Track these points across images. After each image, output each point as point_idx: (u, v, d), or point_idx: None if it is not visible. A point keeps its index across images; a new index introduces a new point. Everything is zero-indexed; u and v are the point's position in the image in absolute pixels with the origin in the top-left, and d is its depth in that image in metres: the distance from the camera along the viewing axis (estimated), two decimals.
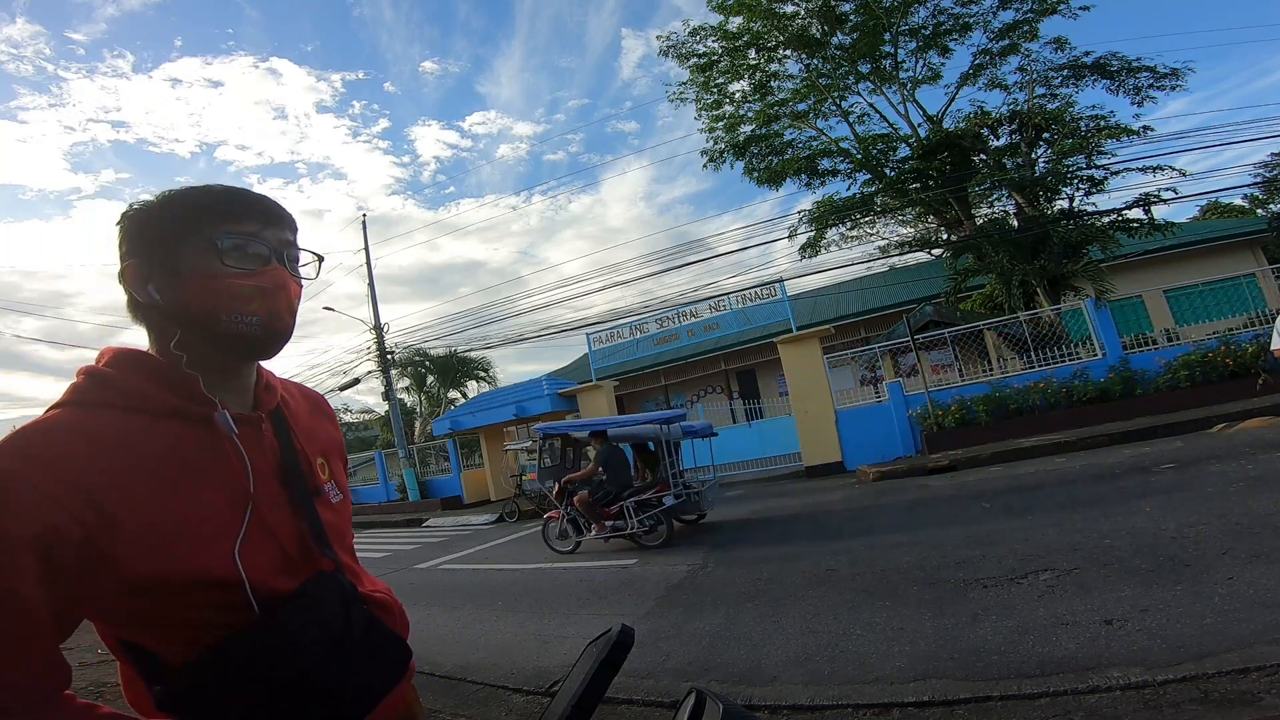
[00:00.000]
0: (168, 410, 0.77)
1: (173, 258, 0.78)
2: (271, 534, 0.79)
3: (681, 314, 14.51)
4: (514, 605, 5.63)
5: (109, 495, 0.68)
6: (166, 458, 0.75)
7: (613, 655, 0.71)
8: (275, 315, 0.82)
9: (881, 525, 6.41)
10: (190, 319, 0.79)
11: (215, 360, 0.82)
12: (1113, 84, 16.08)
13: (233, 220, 0.80)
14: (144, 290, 0.79)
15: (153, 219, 0.80)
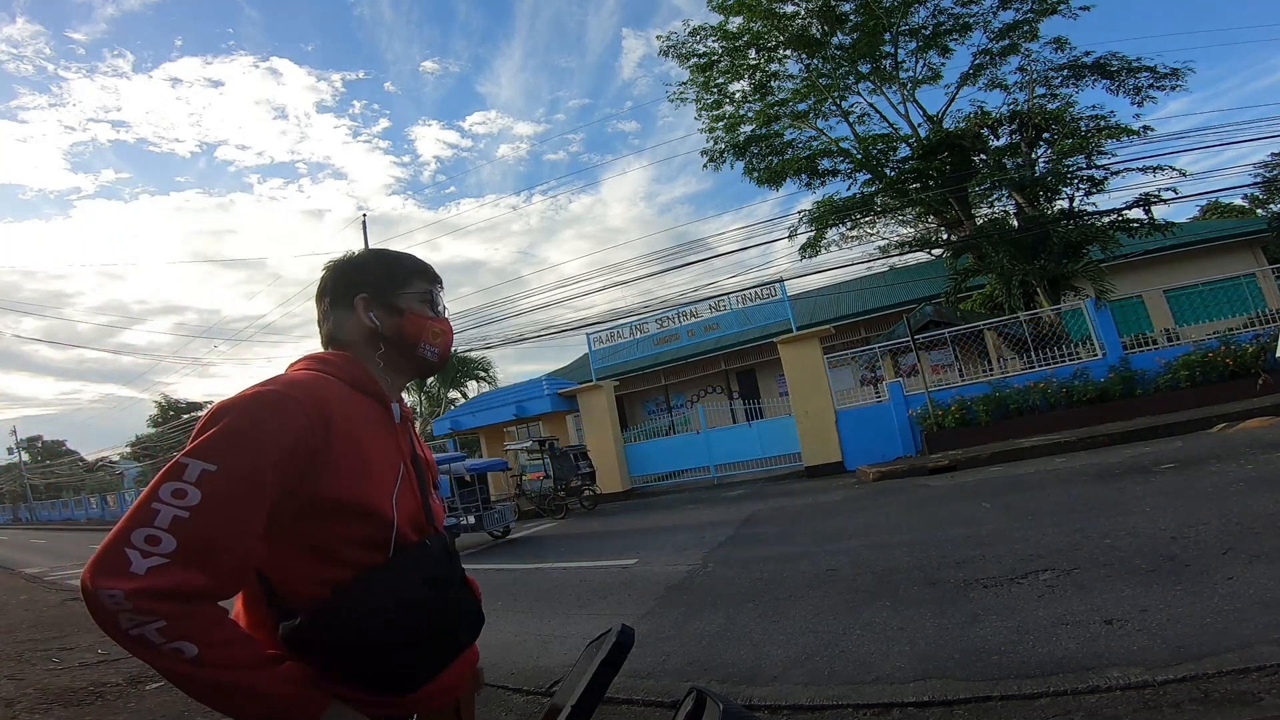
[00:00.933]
0: (368, 389, 1.05)
1: (392, 299, 1.10)
2: (414, 498, 1.05)
3: (681, 314, 14.51)
4: (514, 605, 5.63)
5: (338, 426, 0.92)
6: (366, 420, 1.01)
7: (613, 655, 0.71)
8: (447, 349, 1.17)
9: (881, 525, 6.41)
10: (399, 342, 1.10)
11: (398, 370, 1.13)
12: (1113, 84, 16.08)
13: (429, 281, 1.16)
14: (365, 316, 1.09)
15: (377, 268, 1.13)
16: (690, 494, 12.80)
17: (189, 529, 0.77)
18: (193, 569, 0.76)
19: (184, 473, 0.79)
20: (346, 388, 1.01)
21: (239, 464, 0.82)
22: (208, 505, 0.78)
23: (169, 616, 0.74)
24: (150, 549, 0.75)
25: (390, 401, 1.09)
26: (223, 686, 0.78)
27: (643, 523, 9.80)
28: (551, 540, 9.55)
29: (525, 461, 13.78)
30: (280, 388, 0.90)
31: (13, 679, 4.46)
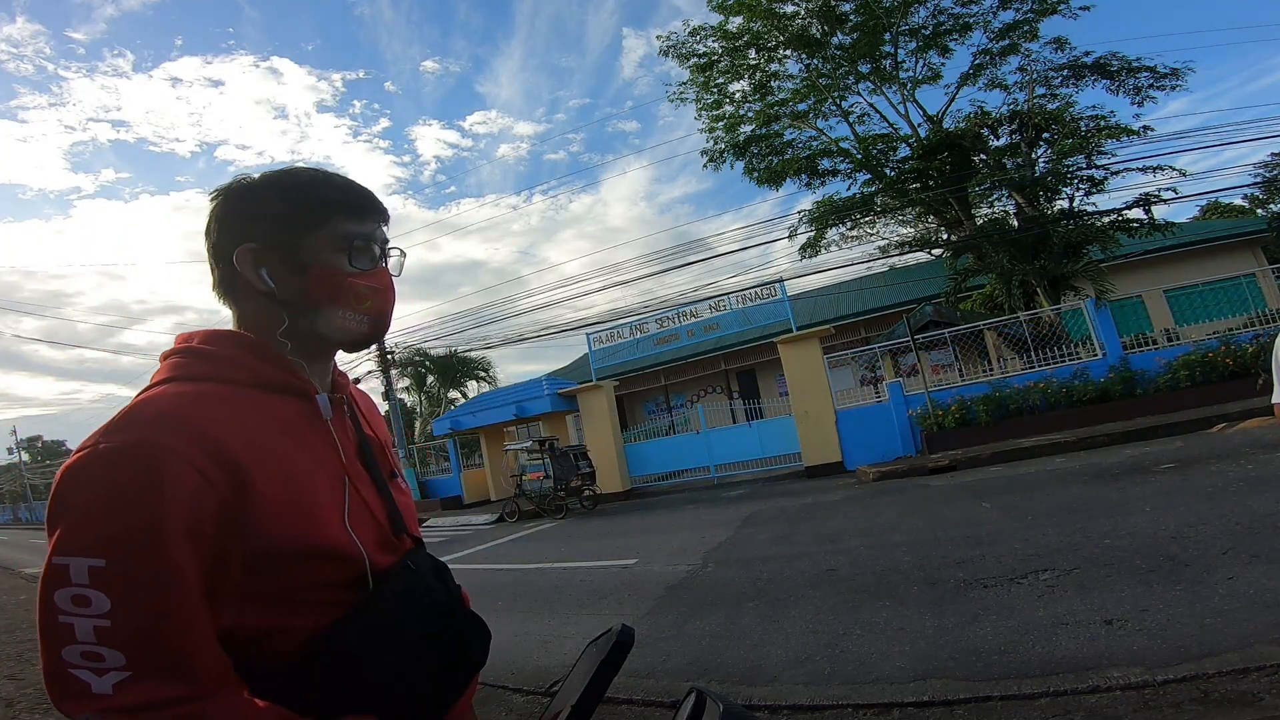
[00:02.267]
0: (276, 385, 0.78)
1: (294, 248, 0.79)
2: (369, 510, 0.81)
3: (681, 314, 14.51)
4: (514, 605, 5.63)
5: (243, 458, 0.68)
6: (280, 429, 0.75)
7: (613, 655, 0.71)
8: (383, 314, 0.85)
9: (881, 525, 6.41)
10: (306, 309, 0.79)
11: (313, 347, 0.83)
12: (1113, 84, 16.09)
13: (358, 218, 0.82)
14: (255, 274, 0.78)
15: (275, 204, 0.79)
16: (690, 494, 12.79)
17: (123, 638, 0.60)
18: (161, 677, 0.61)
19: (69, 575, 0.60)
20: (243, 391, 0.75)
21: (128, 552, 0.61)
22: (123, 608, 0.60)
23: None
24: (100, 665, 0.60)
25: (315, 392, 0.81)
26: None
27: (643, 523, 9.79)
28: (551, 540, 9.55)
29: (525, 461, 13.77)
30: (143, 434, 0.64)
31: (13, 679, 4.46)
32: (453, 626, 0.85)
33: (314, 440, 0.79)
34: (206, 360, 0.76)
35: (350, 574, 0.75)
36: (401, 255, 0.91)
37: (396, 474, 0.94)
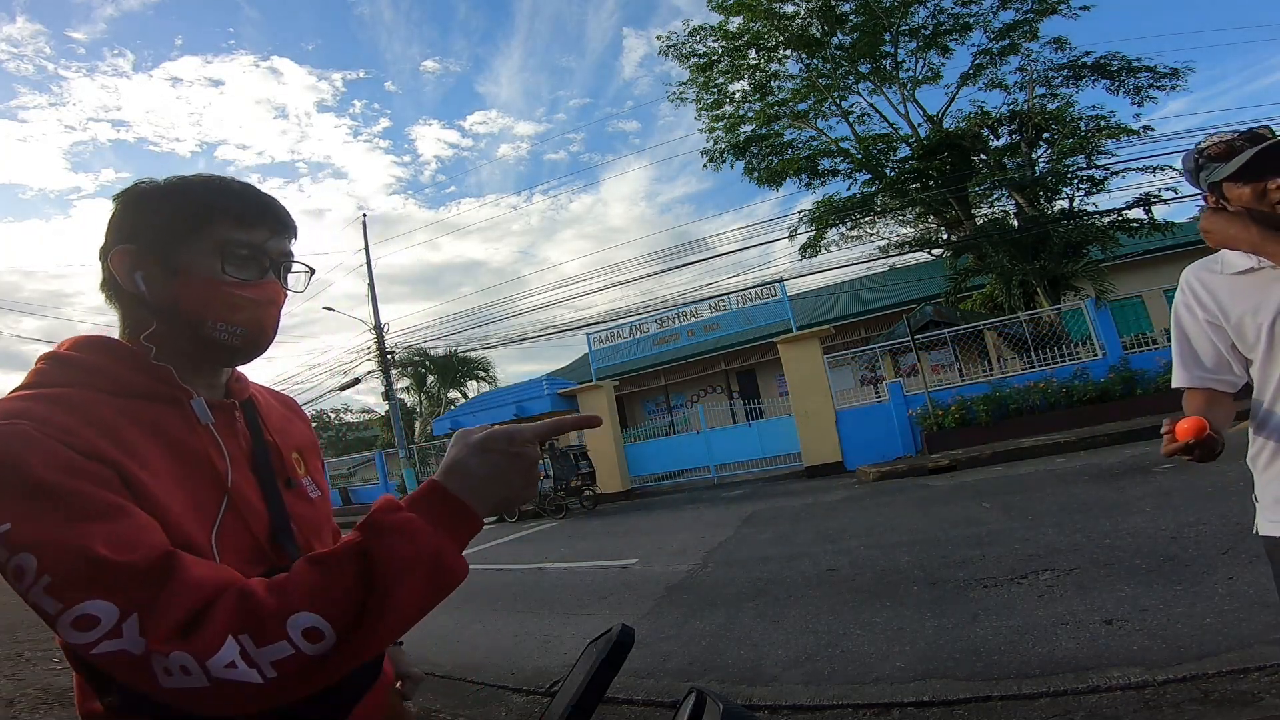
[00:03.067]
0: (141, 392, 0.74)
1: (170, 253, 0.76)
2: (245, 523, 0.76)
3: (681, 314, 14.52)
4: (514, 605, 5.63)
5: (111, 454, 0.65)
6: (146, 438, 0.70)
7: (613, 655, 0.71)
8: (261, 329, 0.81)
9: (881, 525, 6.41)
10: (175, 317, 0.76)
11: (190, 354, 0.79)
12: (1113, 84, 16.08)
13: (244, 226, 0.79)
14: (129, 278, 0.76)
15: (157, 207, 0.77)
16: (690, 494, 12.80)
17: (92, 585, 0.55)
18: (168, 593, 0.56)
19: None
20: (110, 398, 0.70)
21: (22, 503, 0.58)
22: (51, 554, 0.56)
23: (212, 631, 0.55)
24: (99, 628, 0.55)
25: (190, 397, 0.77)
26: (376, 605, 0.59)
27: (643, 523, 9.80)
28: (551, 540, 9.55)
29: None
30: (8, 422, 0.61)
31: (13, 679, 4.46)
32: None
33: (191, 447, 0.74)
34: (66, 367, 0.73)
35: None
36: (308, 272, 0.88)
37: (295, 482, 0.87)
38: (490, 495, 0.68)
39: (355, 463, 26.60)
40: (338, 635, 0.58)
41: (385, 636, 0.61)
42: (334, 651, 0.58)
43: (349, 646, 0.59)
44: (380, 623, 0.59)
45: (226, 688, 0.55)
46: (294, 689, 0.58)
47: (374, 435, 34.80)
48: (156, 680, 0.55)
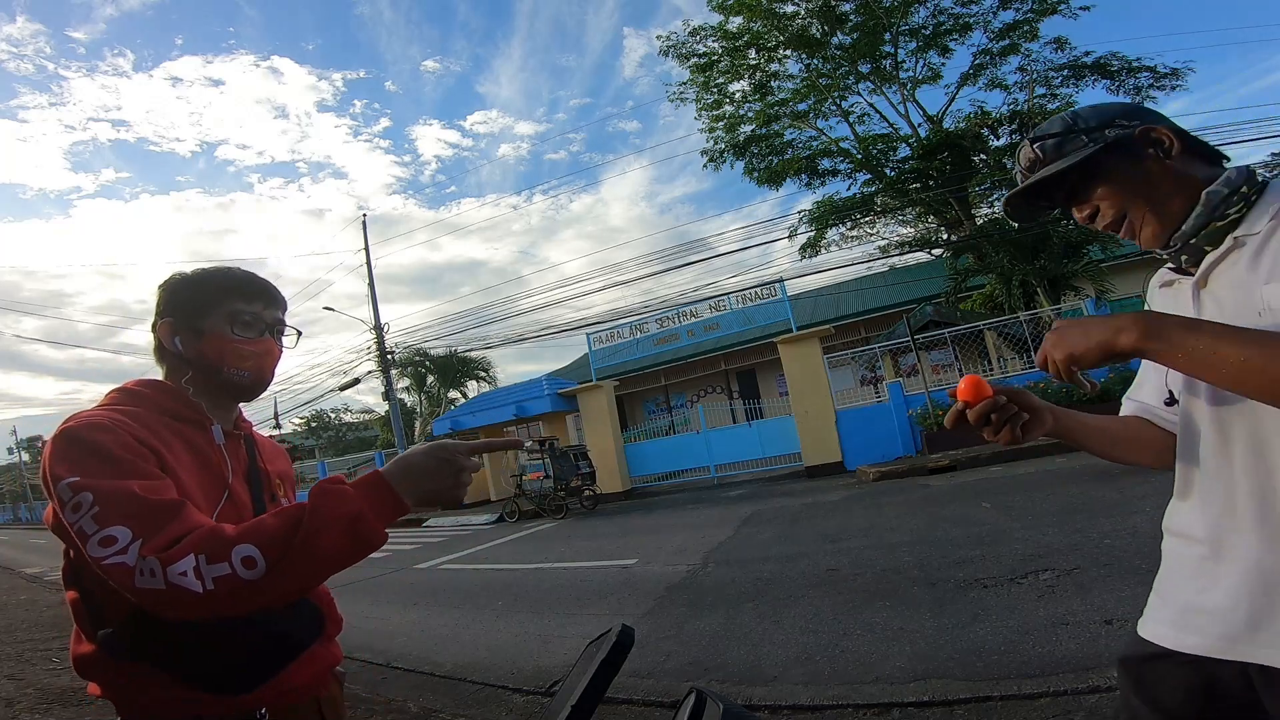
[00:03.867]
0: (180, 416, 1.05)
1: (198, 321, 1.08)
2: (239, 514, 1.02)
3: (681, 314, 14.51)
4: (514, 605, 5.63)
5: (160, 449, 0.93)
6: (180, 445, 1.00)
7: (613, 655, 0.71)
8: (261, 373, 1.13)
9: (881, 525, 6.41)
10: (201, 365, 1.08)
11: (213, 394, 1.11)
12: (1113, 84, 16.10)
13: (245, 300, 1.10)
14: (171, 341, 1.08)
15: (187, 290, 1.10)
16: (690, 494, 12.80)
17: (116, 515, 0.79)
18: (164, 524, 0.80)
19: (63, 493, 0.82)
20: (159, 417, 1.01)
21: (87, 459, 0.85)
22: (102, 494, 0.81)
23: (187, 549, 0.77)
24: (116, 546, 0.77)
25: (211, 424, 1.08)
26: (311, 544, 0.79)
27: (643, 523, 9.80)
28: (551, 540, 9.55)
29: (525, 461, 13.78)
30: (92, 418, 0.91)
31: (13, 679, 4.46)
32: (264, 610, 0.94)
33: (208, 457, 1.05)
34: (132, 395, 1.05)
35: None
36: (296, 334, 1.23)
37: (277, 497, 1.17)
38: (418, 486, 0.87)
39: (355, 463, 26.60)
40: (267, 565, 0.77)
41: (305, 573, 0.80)
42: (263, 579, 0.77)
43: (275, 576, 0.77)
44: (301, 560, 0.78)
45: (176, 591, 0.75)
46: (226, 603, 0.76)
47: (374, 435, 34.80)
48: (133, 580, 0.76)
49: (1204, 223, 0.90)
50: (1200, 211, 0.90)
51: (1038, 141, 1.01)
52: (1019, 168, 1.05)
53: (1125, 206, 0.96)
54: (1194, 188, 0.91)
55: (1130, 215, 0.96)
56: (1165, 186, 0.93)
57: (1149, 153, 0.94)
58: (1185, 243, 0.92)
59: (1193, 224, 0.90)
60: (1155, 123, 0.94)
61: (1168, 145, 0.93)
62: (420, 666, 4.25)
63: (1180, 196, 0.92)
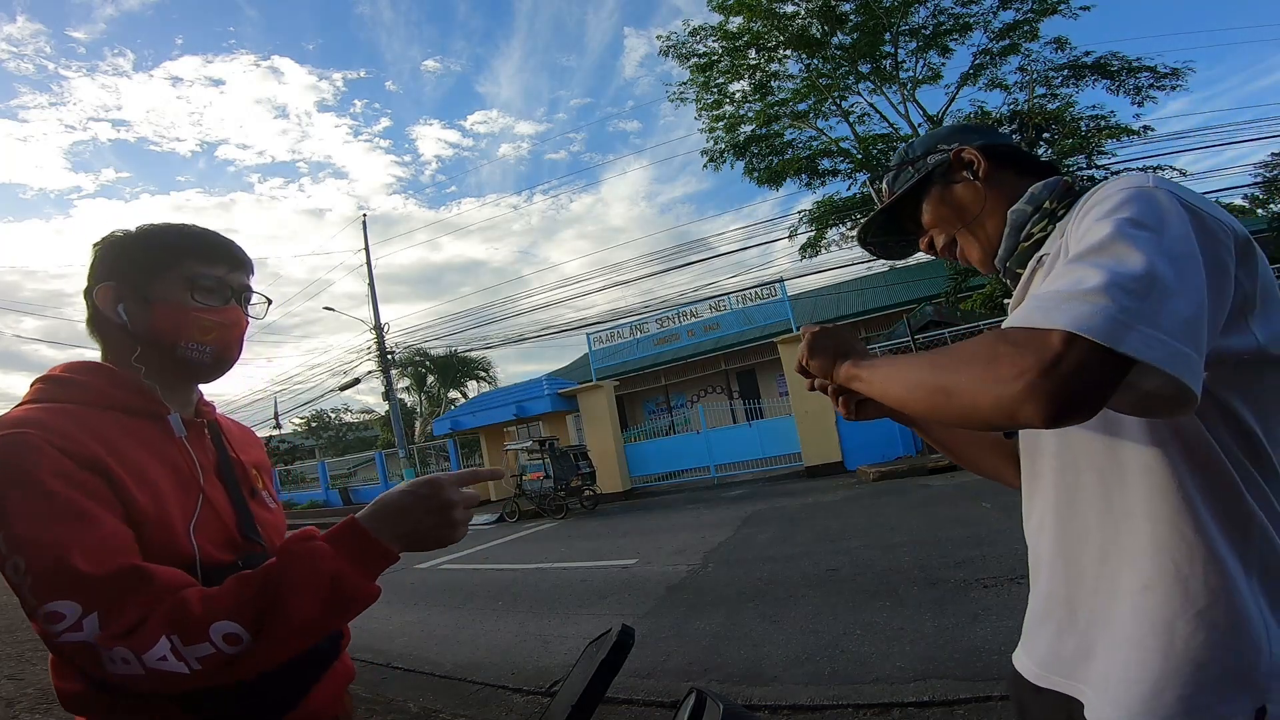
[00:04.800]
0: (128, 407, 0.86)
1: (146, 286, 0.89)
2: (219, 520, 0.88)
3: (682, 314, 14.52)
4: (514, 605, 5.63)
5: (106, 460, 0.76)
6: (136, 444, 0.83)
7: (613, 655, 0.71)
8: (226, 347, 0.94)
9: (881, 525, 6.41)
10: (153, 341, 0.89)
11: (167, 375, 0.91)
12: (1113, 84, 16.07)
13: (205, 262, 0.92)
14: (113, 310, 0.88)
15: (132, 249, 0.90)
16: (690, 494, 12.80)
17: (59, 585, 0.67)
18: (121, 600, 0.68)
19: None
20: (103, 412, 0.82)
21: (14, 508, 0.69)
22: (35, 556, 0.68)
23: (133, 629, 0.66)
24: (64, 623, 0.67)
25: (167, 412, 0.89)
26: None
27: (643, 523, 9.80)
28: (551, 540, 9.55)
29: (525, 461, 13.78)
30: (16, 432, 0.73)
31: (13, 679, 4.46)
32: None
33: (170, 455, 0.87)
34: (64, 385, 0.85)
35: (182, 568, 0.78)
36: (266, 302, 1.04)
37: (258, 492, 1.00)
38: (402, 532, 0.78)
39: (355, 463, 26.60)
40: (252, 638, 0.70)
41: (288, 641, 0.72)
42: (249, 651, 0.69)
43: (261, 647, 0.70)
44: (279, 630, 0.70)
45: (159, 675, 0.67)
46: (219, 677, 0.69)
47: (374, 435, 34.80)
48: (104, 668, 0.67)
49: (1013, 244, 0.86)
50: (1008, 232, 0.86)
51: (880, 178, 1.00)
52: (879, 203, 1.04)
53: (951, 232, 0.93)
54: (1006, 207, 0.87)
55: (958, 241, 0.93)
56: (977, 208, 0.89)
57: (962, 175, 0.91)
58: (1004, 266, 0.89)
59: (1004, 246, 0.87)
60: (970, 142, 0.91)
61: (975, 166, 0.89)
62: (420, 666, 4.25)
63: (994, 218, 0.88)
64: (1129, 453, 0.71)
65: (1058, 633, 0.78)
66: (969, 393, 0.60)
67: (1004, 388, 0.57)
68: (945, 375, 0.63)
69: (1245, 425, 0.67)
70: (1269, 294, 0.66)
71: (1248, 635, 0.65)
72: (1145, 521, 0.69)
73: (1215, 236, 0.63)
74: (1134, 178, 0.68)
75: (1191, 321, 0.56)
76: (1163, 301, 0.55)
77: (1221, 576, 0.66)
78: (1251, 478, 0.67)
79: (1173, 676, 0.66)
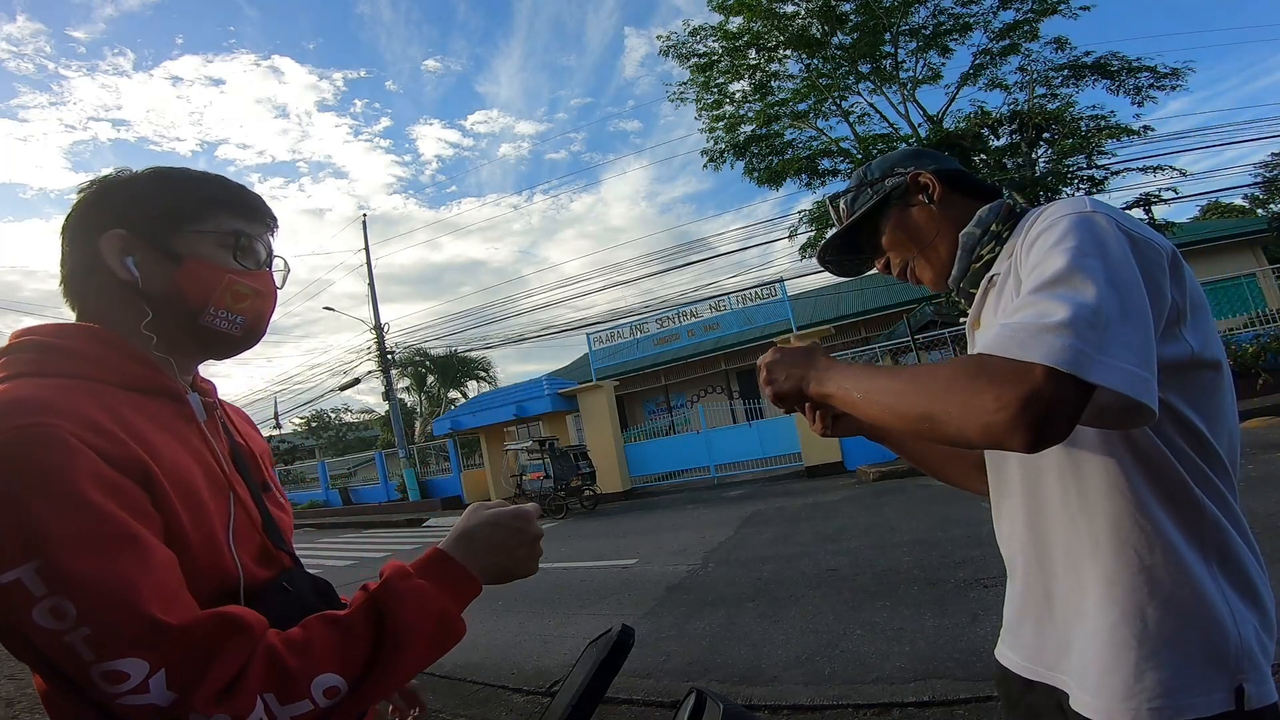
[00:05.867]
0: (142, 385, 0.70)
1: (170, 238, 0.73)
2: (252, 522, 0.75)
3: (682, 314, 14.52)
4: (514, 605, 5.63)
5: (148, 460, 0.62)
6: (161, 436, 0.67)
7: (613, 655, 0.71)
8: (259, 318, 0.80)
9: (881, 525, 6.41)
10: (175, 304, 0.73)
11: (178, 346, 0.76)
12: (1113, 84, 16.06)
13: (246, 218, 0.79)
14: (121, 261, 0.71)
15: (154, 193, 0.75)
16: (690, 494, 12.80)
17: (122, 640, 0.53)
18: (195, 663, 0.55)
19: (27, 589, 0.52)
20: (109, 389, 0.66)
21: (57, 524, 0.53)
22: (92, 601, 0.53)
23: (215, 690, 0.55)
24: (129, 683, 0.53)
25: (185, 392, 0.75)
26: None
27: (643, 523, 9.79)
28: (551, 540, 9.55)
29: (525, 461, 13.78)
30: (17, 419, 0.56)
31: (13, 679, 4.46)
32: None
33: (194, 446, 0.72)
34: (61, 356, 0.67)
35: (225, 590, 0.68)
36: (286, 269, 0.88)
37: (270, 486, 0.86)
38: (493, 564, 0.73)
39: (355, 463, 26.59)
40: (349, 688, 0.61)
41: (390, 689, 0.65)
42: (345, 701, 0.61)
43: (358, 696, 0.62)
44: (387, 678, 0.63)
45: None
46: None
47: (374, 435, 34.80)
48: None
49: (965, 266, 0.90)
50: (960, 255, 0.90)
51: (839, 199, 1.03)
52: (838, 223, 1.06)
53: (907, 256, 0.97)
54: (957, 230, 0.91)
55: (911, 263, 0.97)
56: (931, 232, 0.93)
57: (918, 199, 0.94)
58: (957, 286, 0.93)
59: (957, 268, 0.91)
60: (925, 166, 0.95)
61: (930, 190, 0.93)
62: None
63: (946, 241, 0.92)
64: (1085, 456, 0.76)
65: (1037, 628, 0.83)
66: (955, 421, 0.64)
67: (991, 417, 0.61)
68: (929, 402, 0.67)
69: (1191, 424, 0.73)
70: (1197, 304, 0.72)
71: (1213, 618, 0.70)
72: (1105, 518, 0.75)
73: (1150, 256, 0.69)
74: (1073, 202, 0.74)
75: (1143, 346, 0.62)
76: (1118, 330, 0.61)
77: (1181, 564, 0.71)
78: (1200, 471, 0.73)
79: (1148, 662, 0.70)
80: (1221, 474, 0.75)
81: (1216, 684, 0.68)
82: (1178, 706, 0.68)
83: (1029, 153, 15.47)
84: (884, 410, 0.72)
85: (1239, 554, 0.74)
